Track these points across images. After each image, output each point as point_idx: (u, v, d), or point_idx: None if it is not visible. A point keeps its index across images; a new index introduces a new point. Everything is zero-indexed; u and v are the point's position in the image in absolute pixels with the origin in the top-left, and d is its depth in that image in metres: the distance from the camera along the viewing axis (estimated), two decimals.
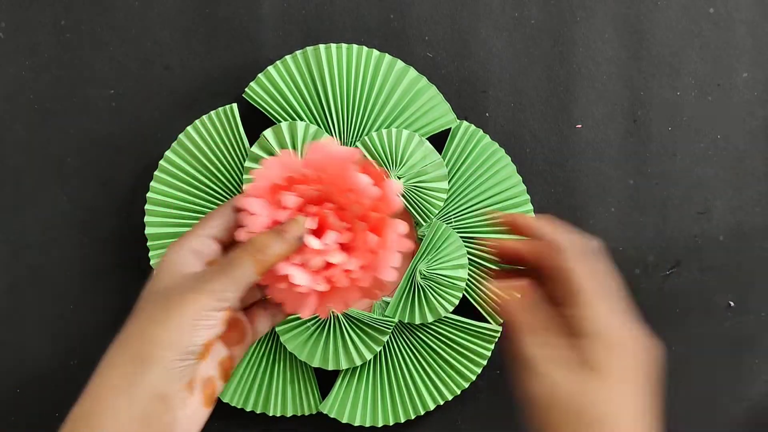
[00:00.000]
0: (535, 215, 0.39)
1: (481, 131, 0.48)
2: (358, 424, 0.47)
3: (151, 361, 0.33)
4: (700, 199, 0.50)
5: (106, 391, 0.33)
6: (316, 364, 0.47)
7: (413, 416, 0.48)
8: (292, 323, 0.47)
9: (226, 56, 0.49)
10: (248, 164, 0.45)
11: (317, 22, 0.49)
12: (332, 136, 0.46)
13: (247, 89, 0.46)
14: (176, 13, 0.49)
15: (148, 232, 0.47)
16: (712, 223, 0.50)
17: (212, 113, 0.47)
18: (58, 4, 0.49)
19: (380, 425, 0.47)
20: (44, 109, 0.49)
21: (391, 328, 0.47)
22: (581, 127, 0.50)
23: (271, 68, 0.46)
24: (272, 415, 0.48)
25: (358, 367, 0.48)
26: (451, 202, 0.47)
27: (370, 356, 0.47)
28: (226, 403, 0.48)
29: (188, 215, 0.47)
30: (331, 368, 0.47)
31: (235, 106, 0.47)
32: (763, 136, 0.51)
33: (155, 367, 0.33)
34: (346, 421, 0.47)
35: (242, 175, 0.46)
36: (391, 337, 0.48)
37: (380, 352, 0.48)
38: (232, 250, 0.37)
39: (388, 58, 0.47)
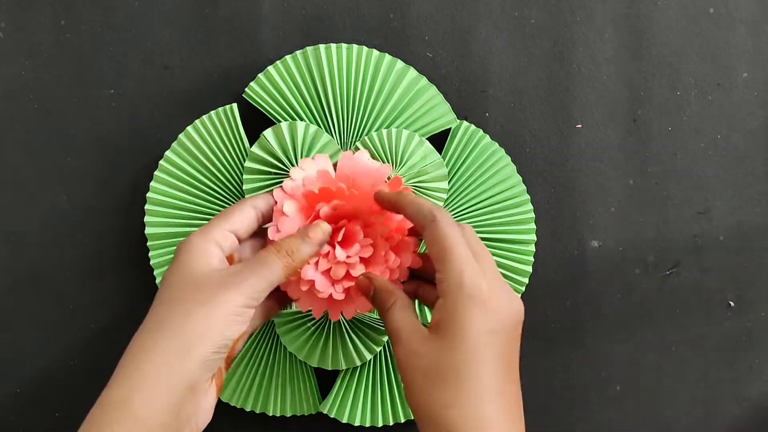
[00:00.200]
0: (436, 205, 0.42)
1: (481, 131, 0.48)
2: (358, 424, 0.47)
3: (192, 352, 0.34)
4: (700, 199, 0.50)
5: (145, 378, 0.33)
6: (315, 364, 0.47)
7: (413, 416, 0.48)
8: (292, 323, 0.47)
9: (226, 56, 0.49)
10: (248, 164, 0.45)
11: (317, 22, 0.49)
12: (332, 136, 0.46)
13: (247, 89, 0.46)
14: (176, 13, 0.49)
15: (147, 232, 0.47)
16: (712, 223, 0.50)
17: (212, 113, 0.47)
18: (58, 4, 0.49)
19: (380, 425, 0.47)
20: (44, 109, 0.49)
21: None
22: (581, 127, 0.50)
23: (271, 68, 0.46)
24: (272, 415, 0.48)
25: (358, 367, 0.48)
26: (451, 202, 0.47)
27: (370, 356, 0.47)
28: (226, 403, 0.48)
29: (188, 215, 0.47)
30: (331, 368, 0.47)
31: (235, 106, 0.47)
32: (763, 136, 0.51)
33: (195, 359, 0.34)
34: (346, 421, 0.47)
35: (242, 175, 0.46)
36: None
37: (380, 352, 0.48)
38: (250, 246, 0.39)
39: (388, 58, 0.47)
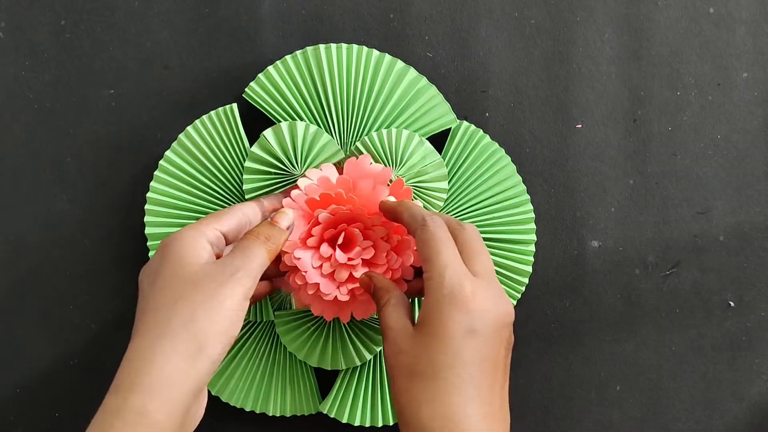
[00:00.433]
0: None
1: (481, 131, 0.48)
2: (358, 424, 0.47)
3: (202, 355, 0.33)
4: (700, 199, 0.50)
5: (160, 384, 0.32)
6: (315, 364, 0.47)
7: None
8: (292, 323, 0.47)
9: (226, 56, 0.49)
10: (248, 164, 0.45)
11: (317, 22, 0.49)
12: (332, 136, 0.46)
13: (247, 89, 0.46)
14: (176, 13, 0.49)
15: (147, 232, 0.47)
16: (712, 223, 0.50)
17: (212, 113, 0.47)
18: (58, 4, 0.49)
19: (380, 425, 0.47)
20: (44, 109, 0.49)
21: None
22: (581, 127, 0.50)
23: (271, 68, 0.46)
24: (272, 415, 0.48)
25: (358, 367, 0.48)
26: (451, 202, 0.47)
27: (370, 356, 0.47)
28: (225, 403, 0.48)
29: (188, 215, 0.47)
30: (330, 368, 0.47)
31: (235, 106, 0.47)
32: (763, 136, 0.51)
33: (206, 361, 0.33)
34: (346, 421, 0.47)
35: (242, 175, 0.46)
36: None
37: (380, 352, 0.48)
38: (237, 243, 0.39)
39: (388, 58, 0.47)
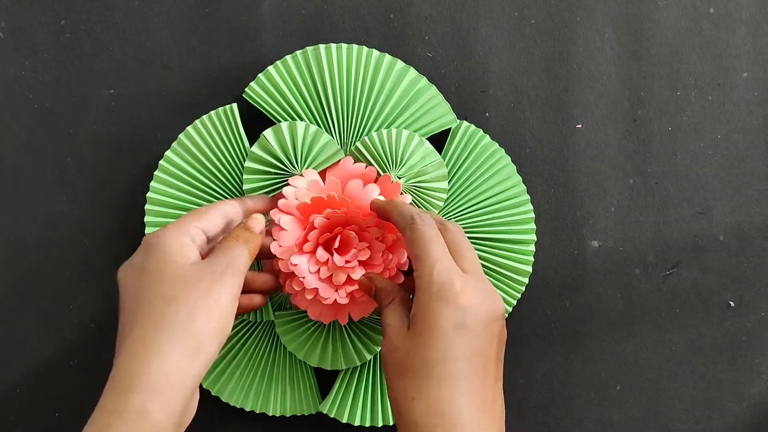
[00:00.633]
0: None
1: (481, 131, 0.48)
2: (358, 424, 0.47)
3: (200, 353, 0.34)
4: (700, 199, 0.50)
5: (160, 383, 0.32)
6: (315, 364, 0.47)
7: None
8: (292, 323, 0.47)
9: (226, 56, 0.49)
10: (248, 164, 0.45)
11: (317, 22, 0.49)
12: (332, 136, 0.46)
13: (247, 89, 0.46)
14: (176, 13, 0.49)
15: (147, 232, 0.47)
16: (712, 223, 0.50)
17: (212, 113, 0.47)
18: (58, 4, 0.49)
19: (380, 425, 0.47)
20: (44, 109, 0.49)
21: None
22: (581, 127, 0.50)
23: (271, 68, 0.46)
24: (272, 415, 0.48)
25: (358, 367, 0.48)
26: (451, 202, 0.47)
27: (370, 356, 0.47)
28: (225, 403, 0.48)
29: None
30: (330, 368, 0.47)
31: (235, 106, 0.47)
32: (763, 136, 0.51)
33: (203, 359, 0.34)
34: (346, 421, 0.47)
35: (242, 175, 0.46)
36: None
37: (380, 351, 0.48)
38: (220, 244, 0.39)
39: (388, 58, 0.47)
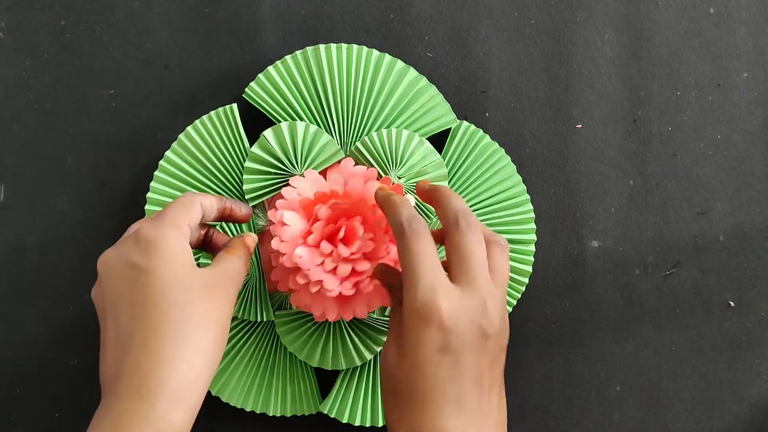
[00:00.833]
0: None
1: (481, 131, 0.48)
2: (358, 424, 0.47)
3: (214, 357, 0.35)
4: (700, 199, 0.50)
5: (182, 390, 0.33)
6: (316, 364, 0.47)
7: None
8: (292, 323, 0.47)
9: (226, 56, 0.49)
10: (248, 164, 0.45)
11: (317, 22, 0.49)
12: (332, 136, 0.46)
13: (247, 89, 0.46)
14: (176, 13, 0.49)
15: None
16: (712, 223, 0.50)
17: (212, 113, 0.47)
18: (58, 4, 0.49)
19: (380, 425, 0.47)
20: (44, 109, 0.49)
21: None
22: (581, 127, 0.50)
23: (271, 68, 0.46)
24: (272, 415, 0.48)
25: (358, 367, 0.48)
26: None
27: (370, 356, 0.47)
28: (226, 403, 0.48)
29: None
30: (331, 368, 0.47)
31: (235, 106, 0.47)
32: (763, 136, 0.51)
33: (216, 363, 0.35)
34: (346, 421, 0.47)
35: (242, 175, 0.46)
36: None
37: (380, 352, 0.48)
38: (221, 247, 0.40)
39: (388, 58, 0.47)
